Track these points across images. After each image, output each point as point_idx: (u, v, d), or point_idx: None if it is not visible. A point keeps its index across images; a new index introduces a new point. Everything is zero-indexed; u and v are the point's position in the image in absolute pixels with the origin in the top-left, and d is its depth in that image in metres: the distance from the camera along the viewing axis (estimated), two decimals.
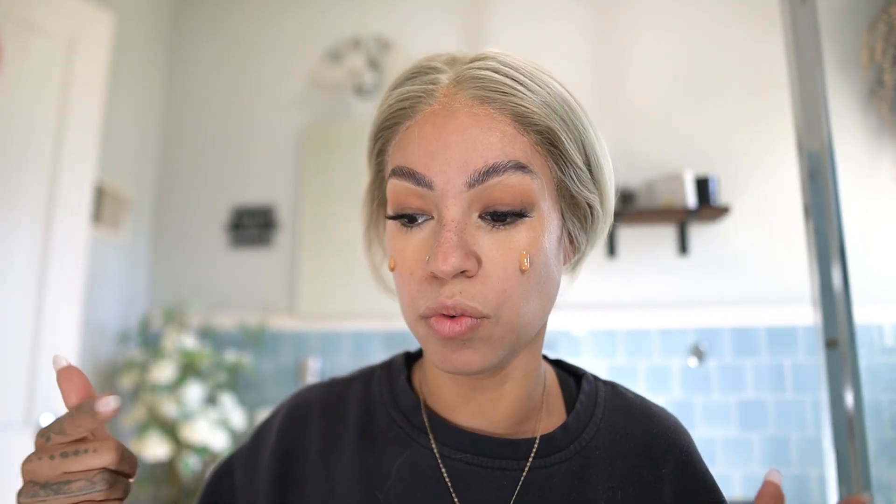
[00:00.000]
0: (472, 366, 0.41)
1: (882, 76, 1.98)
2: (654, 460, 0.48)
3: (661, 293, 2.09)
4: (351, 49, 2.29)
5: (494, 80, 0.41)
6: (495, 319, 0.40)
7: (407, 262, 0.42)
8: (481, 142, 0.40)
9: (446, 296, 0.40)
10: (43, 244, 1.44)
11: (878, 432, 1.88)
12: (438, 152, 0.40)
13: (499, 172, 0.39)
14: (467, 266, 0.39)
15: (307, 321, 2.18)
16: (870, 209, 2.00)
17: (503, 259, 0.40)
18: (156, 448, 1.74)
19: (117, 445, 0.38)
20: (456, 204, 0.40)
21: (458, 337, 0.40)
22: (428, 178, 0.40)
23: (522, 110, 0.41)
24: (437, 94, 0.42)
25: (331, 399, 0.53)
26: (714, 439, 1.96)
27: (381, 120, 0.45)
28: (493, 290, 0.40)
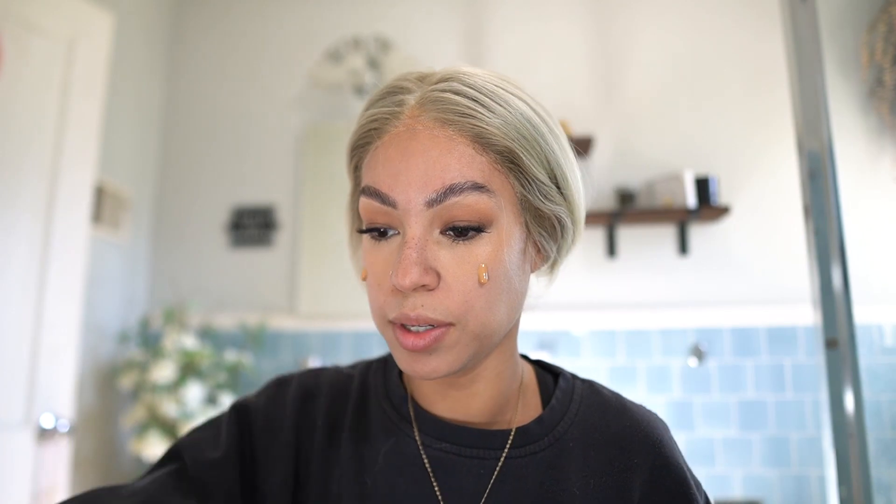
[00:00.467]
0: (437, 373, 0.43)
1: (882, 76, 1.98)
2: (625, 450, 0.49)
3: (661, 293, 2.09)
4: (351, 49, 2.29)
5: (454, 102, 0.43)
6: (461, 326, 0.43)
7: (375, 274, 0.45)
8: (440, 163, 0.42)
9: (409, 308, 0.42)
10: (43, 244, 1.44)
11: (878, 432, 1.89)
12: (400, 173, 0.43)
13: (456, 193, 0.42)
14: (426, 281, 0.42)
15: (307, 321, 2.18)
16: (870, 209, 2.00)
17: (462, 272, 0.43)
18: (156, 448, 1.74)
19: None
20: (417, 222, 0.42)
21: (421, 350, 0.43)
22: (392, 198, 0.43)
23: (481, 131, 0.43)
24: (403, 116, 0.45)
25: (337, 385, 0.56)
26: (714, 439, 1.96)
27: (354, 139, 0.48)
28: (454, 301, 0.42)
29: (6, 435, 1.33)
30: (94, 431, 1.92)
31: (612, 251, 2.12)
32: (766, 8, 2.13)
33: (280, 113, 2.35)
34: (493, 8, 2.33)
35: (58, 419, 1.40)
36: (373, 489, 0.48)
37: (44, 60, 1.46)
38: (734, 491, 1.92)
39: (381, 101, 0.47)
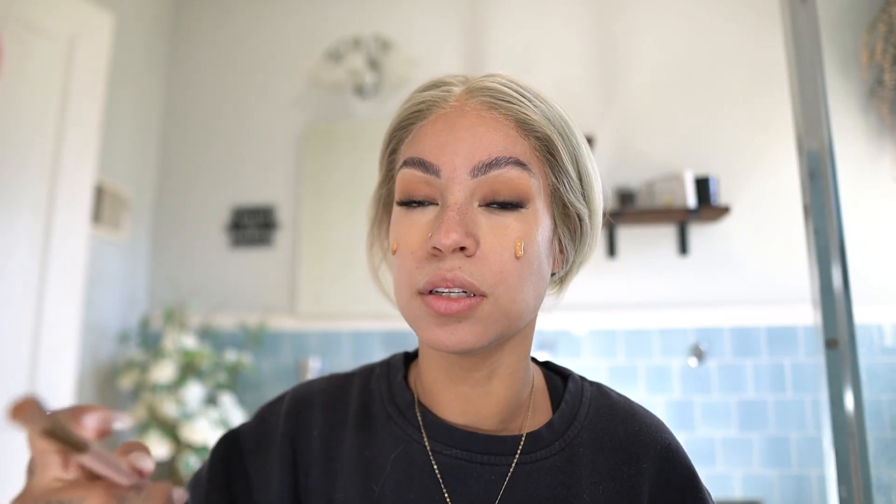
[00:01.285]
0: (464, 344, 0.43)
1: (882, 76, 1.98)
2: (634, 456, 0.50)
3: (661, 293, 2.09)
4: (351, 49, 2.29)
5: (502, 91, 0.46)
6: (493, 299, 0.43)
7: (409, 242, 0.45)
8: (486, 138, 0.45)
9: (446, 269, 0.42)
10: (43, 244, 1.44)
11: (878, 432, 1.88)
12: (447, 144, 0.45)
13: (500, 166, 0.44)
14: (467, 243, 0.42)
15: (307, 321, 2.18)
16: (870, 209, 2.00)
17: (499, 243, 0.44)
18: (156, 448, 1.74)
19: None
20: (460, 190, 0.44)
21: (454, 315, 0.42)
22: (436, 167, 0.45)
23: (524, 117, 0.46)
24: (450, 100, 0.47)
25: (332, 392, 0.55)
26: (714, 439, 1.96)
27: (397, 122, 0.50)
28: (490, 270, 0.43)
29: (6, 435, 1.33)
30: None
31: (612, 251, 2.12)
32: (765, 8, 2.13)
33: (280, 113, 2.35)
34: (494, 8, 2.33)
35: None
36: (381, 496, 0.48)
37: (44, 60, 1.46)
38: (734, 491, 1.92)
39: (427, 91, 0.48)
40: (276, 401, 0.56)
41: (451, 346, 0.43)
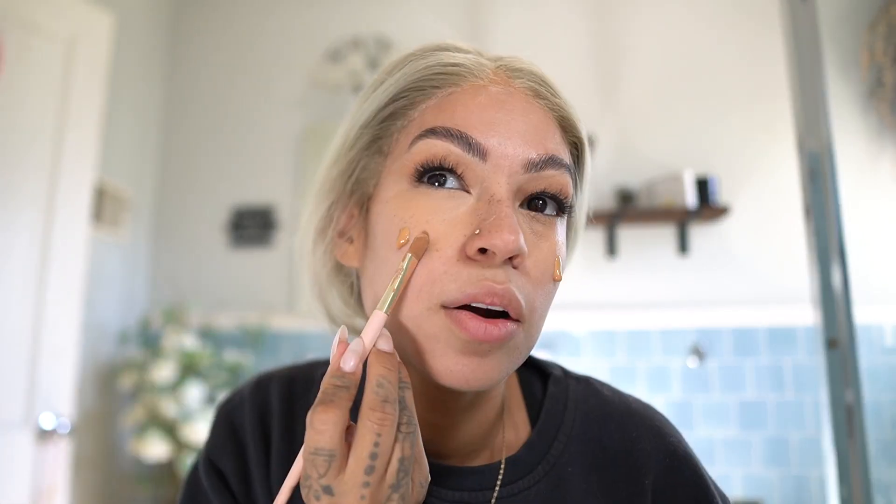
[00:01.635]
0: (488, 381, 0.35)
1: (882, 76, 1.98)
2: (635, 469, 0.43)
3: (661, 293, 2.09)
4: (351, 49, 2.29)
5: (543, 78, 0.40)
6: (527, 327, 0.36)
7: (432, 235, 0.35)
8: (542, 129, 0.37)
9: (498, 280, 0.33)
10: (43, 244, 1.44)
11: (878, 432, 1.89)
12: (497, 124, 0.36)
13: (556, 165, 0.37)
14: (524, 250, 0.34)
15: (307, 321, 2.17)
16: (870, 209, 2.00)
17: (543, 259, 0.36)
18: (156, 448, 1.74)
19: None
20: (508, 183, 0.36)
21: (491, 341, 0.34)
22: (483, 148, 0.36)
23: (567, 115, 0.40)
24: (487, 72, 0.39)
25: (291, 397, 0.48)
26: (714, 439, 1.96)
27: (411, 80, 0.39)
28: (534, 290, 0.35)
29: (6, 435, 1.33)
30: (94, 431, 1.92)
31: (612, 251, 2.12)
32: (765, 8, 2.13)
33: (280, 113, 2.35)
34: (493, 8, 2.33)
35: (58, 419, 1.40)
36: None
37: (44, 60, 1.46)
38: (734, 491, 1.92)
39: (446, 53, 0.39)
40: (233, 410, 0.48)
41: (472, 382, 0.35)
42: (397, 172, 0.38)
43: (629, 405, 0.47)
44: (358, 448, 0.30)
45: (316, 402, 0.31)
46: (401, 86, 0.39)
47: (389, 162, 0.39)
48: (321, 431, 0.30)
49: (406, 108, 0.39)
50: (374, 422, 0.30)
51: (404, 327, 0.36)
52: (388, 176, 0.39)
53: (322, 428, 0.30)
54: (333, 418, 0.30)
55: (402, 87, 0.39)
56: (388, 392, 0.31)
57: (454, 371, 0.34)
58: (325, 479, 0.30)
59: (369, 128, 0.41)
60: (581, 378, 0.49)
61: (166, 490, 1.93)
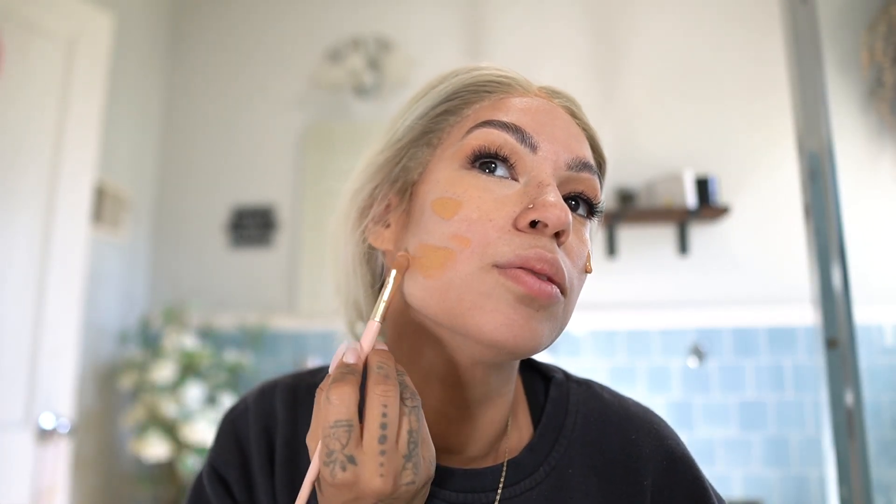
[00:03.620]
0: (538, 341, 0.37)
1: (882, 76, 1.98)
2: (634, 471, 0.44)
3: (661, 293, 2.09)
4: (351, 49, 2.29)
5: (577, 103, 0.46)
6: (567, 301, 0.39)
7: (484, 207, 0.38)
8: (580, 141, 0.43)
9: (548, 249, 0.37)
10: (43, 244, 1.44)
11: (878, 432, 1.89)
12: (546, 125, 0.41)
13: (591, 170, 0.42)
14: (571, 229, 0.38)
15: (307, 321, 2.17)
16: (870, 209, 2.00)
17: (579, 249, 0.40)
18: (156, 448, 1.74)
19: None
20: (554, 175, 0.40)
21: (543, 298, 0.36)
22: (535, 141, 0.40)
23: (593, 135, 0.45)
24: (532, 88, 0.44)
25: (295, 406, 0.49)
26: (714, 439, 1.96)
27: (468, 83, 0.43)
28: (571, 270, 0.39)
29: (6, 435, 1.33)
30: (94, 431, 1.92)
31: (612, 251, 2.12)
32: (765, 8, 2.13)
33: (280, 113, 2.35)
34: (493, 8, 2.33)
35: (58, 419, 1.40)
36: None
37: (44, 60, 1.46)
38: (734, 491, 1.92)
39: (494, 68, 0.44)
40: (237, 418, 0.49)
41: (519, 339, 0.36)
42: (449, 158, 0.41)
43: (628, 408, 0.48)
44: (369, 420, 0.33)
45: (328, 381, 0.34)
46: (457, 87, 0.43)
47: (439, 152, 0.43)
48: (338, 403, 0.33)
49: (460, 106, 0.43)
50: (378, 394, 0.33)
51: (453, 286, 0.37)
52: (438, 163, 0.42)
53: (338, 400, 0.33)
54: (348, 390, 0.33)
55: (457, 88, 0.43)
56: (388, 371, 0.35)
57: (505, 325, 0.36)
58: (347, 449, 0.32)
59: (422, 121, 0.43)
60: (582, 381, 0.50)
61: (166, 490, 1.93)
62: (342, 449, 0.32)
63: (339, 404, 0.32)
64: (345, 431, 0.32)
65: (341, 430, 0.32)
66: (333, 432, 0.32)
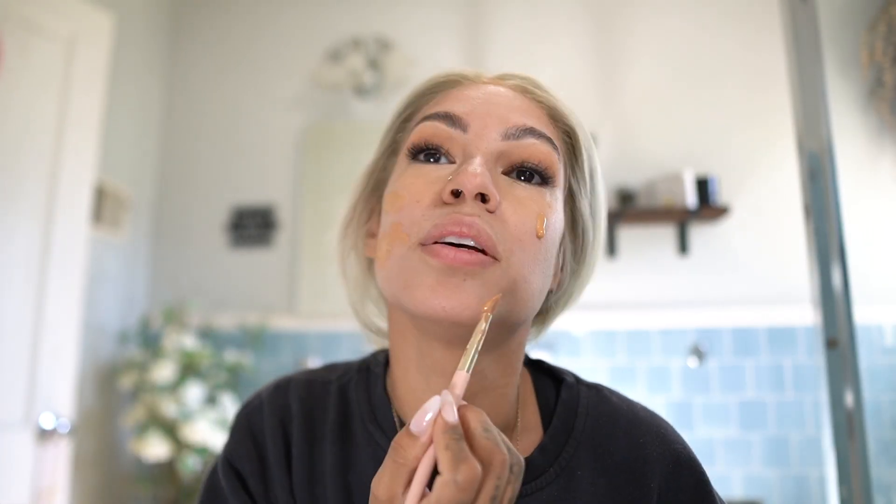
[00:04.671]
0: (462, 311, 0.37)
1: (882, 76, 1.98)
2: (641, 473, 0.45)
3: (661, 293, 2.09)
4: (351, 49, 2.29)
5: (535, 81, 0.46)
6: (505, 266, 0.38)
7: (414, 191, 0.40)
8: (521, 110, 0.42)
9: (465, 212, 0.38)
10: (43, 244, 1.44)
11: (878, 432, 1.89)
12: (479, 105, 0.42)
13: (534, 136, 0.41)
14: (492, 192, 0.38)
15: (307, 321, 2.17)
16: (870, 209, 2.00)
17: (522, 213, 0.40)
18: (156, 448, 1.74)
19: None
20: (487, 149, 0.40)
21: (460, 266, 0.37)
22: (464, 121, 0.41)
23: (555, 105, 0.45)
24: (483, 77, 0.46)
25: (309, 400, 0.49)
26: (714, 439, 1.96)
27: (420, 90, 0.46)
28: (511, 233, 0.39)
29: (6, 435, 1.33)
30: (94, 431, 1.92)
31: (612, 251, 2.12)
32: (765, 8, 2.13)
33: (280, 113, 2.35)
34: (493, 9, 2.33)
35: (58, 419, 1.40)
36: None
37: (44, 60, 1.46)
38: (734, 491, 1.92)
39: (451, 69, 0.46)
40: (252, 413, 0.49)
41: (449, 311, 0.37)
42: (400, 159, 0.44)
43: (636, 413, 0.49)
44: (483, 493, 0.31)
45: (454, 460, 0.31)
46: (411, 95, 0.46)
47: (399, 157, 0.46)
48: (465, 489, 0.30)
49: (415, 111, 0.46)
50: (497, 466, 0.32)
51: (394, 270, 0.40)
52: (396, 167, 0.45)
53: (466, 486, 0.30)
54: (474, 475, 0.31)
55: (412, 96, 0.46)
56: (496, 436, 0.33)
57: (429, 299, 0.37)
58: None
59: (389, 133, 0.48)
60: (592, 385, 0.51)
61: (166, 490, 1.93)
62: None
63: (468, 489, 0.30)
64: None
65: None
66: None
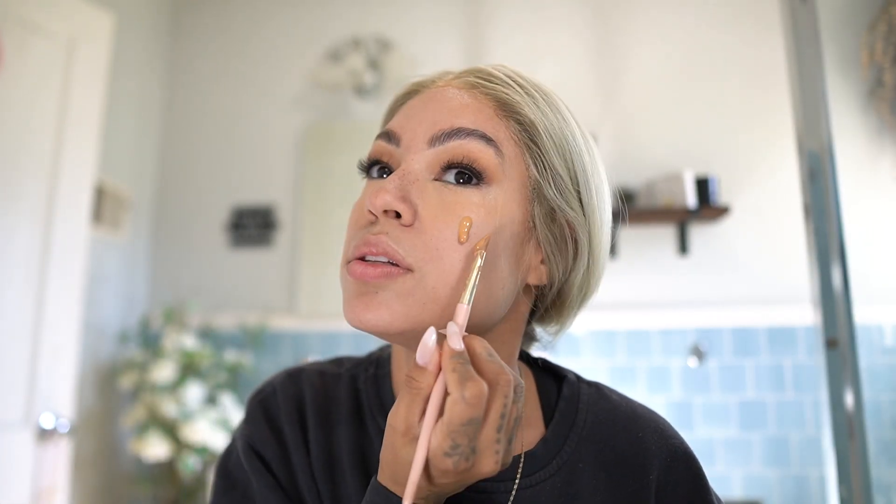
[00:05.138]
0: (377, 322, 0.38)
1: (882, 76, 1.98)
2: (639, 467, 0.46)
3: (661, 293, 2.09)
4: (351, 49, 2.29)
5: (489, 73, 0.44)
6: (419, 276, 0.38)
7: (355, 211, 0.43)
8: (454, 110, 0.42)
9: (372, 232, 0.40)
10: (43, 244, 1.44)
11: (878, 432, 1.89)
12: (413, 115, 0.43)
13: (461, 135, 0.41)
14: (399, 207, 0.39)
15: (307, 321, 2.17)
16: (870, 209, 2.00)
17: (442, 218, 0.39)
18: (156, 448, 1.74)
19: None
20: (415, 160, 0.41)
21: (369, 280, 0.39)
22: (398, 136, 0.43)
23: (505, 97, 0.43)
24: (438, 83, 0.46)
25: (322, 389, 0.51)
26: (714, 439, 1.96)
27: (391, 104, 0.49)
28: (425, 244, 0.39)
29: (6, 435, 1.33)
30: (94, 431, 1.92)
31: (613, 251, 2.12)
32: (765, 8, 2.13)
33: (280, 113, 2.35)
34: (494, 8, 2.33)
35: (58, 419, 1.40)
36: None
37: (44, 60, 1.46)
38: (734, 491, 1.92)
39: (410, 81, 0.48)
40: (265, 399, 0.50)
41: (364, 322, 0.38)
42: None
43: (635, 410, 0.51)
44: (493, 411, 0.34)
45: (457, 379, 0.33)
46: (385, 112, 0.49)
47: None
48: (474, 404, 0.33)
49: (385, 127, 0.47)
50: (503, 385, 0.34)
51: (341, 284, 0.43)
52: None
53: (474, 401, 0.33)
54: (480, 391, 0.33)
55: (386, 113, 0.49)
56: (499, 359, 0.35)
57: (350, 314, 0.40)
58: (472, 442, 0.33)
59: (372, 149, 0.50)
60: (592, 383, 0.53)
61: (166, 490, 1.93)
62: (469, 443, 0.33)
63: (475, 404, 0.33)
64: (474, 428, 0.33)
65: (472, 428, 0.33)
66: (465, 430, 0.33)
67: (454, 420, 0.33)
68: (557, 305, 0.48)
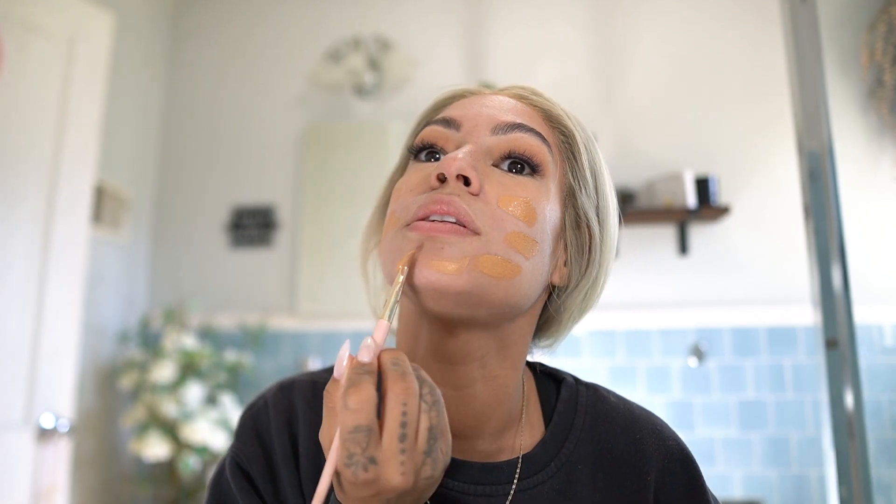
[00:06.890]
0: (440, 273, 0.39)
1: (882, 76, 1.98)
2: (637, 468, 0.47)
3: (661, 293, 2.09)
4: (351, 49, 2.29)
5: (533, 90, 0.49)
6: (485, 240, 0.40)
7: (410, 182, 0.44)
8: (512, 110, 0.46)
9: (444, 192, 0.41)
10: (43, 244, 1.44)
11: (878, 432, 1.89)
12: (473, 109, 0.46)
13: (522, 130, 0.44)
14: (471, 174, 0.41)
15: (307, 321, 2.17)
16: (870, 209, 2.00)
17: (503, 196, 0.42)
18: (156, 448, 1.74)
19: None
20: (477, 143, 0.44)
21: (438, 234, 0.39)
22: (458, 122, 0.45)
23: (550, 108, 0.47)
24: (485, 92, 0.50)
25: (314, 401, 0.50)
26: (714, 439, 1.96)
27: (431, 106, 0.51)
28: (492, 213, 0.41)
29: (6, 435, 1.33)
30: (94, 431, 1.92)
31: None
32: (765, 8, 2.13)
33: (280, 113, 2.35)
34: (494, 8, 2.33)
35: (58, 419, 1.40)
36: None
37: (44, 60, 1.46)
38: (734, 491, 1.92)
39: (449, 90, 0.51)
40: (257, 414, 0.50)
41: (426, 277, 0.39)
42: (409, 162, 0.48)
43: (633, 411, 0.51)
44: (389, 420, 0.33)
45: (345, 387, 0.34)
46: (426, 109, 0.51)
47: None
48: (357, 409, 0.33)
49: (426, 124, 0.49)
50: (398, 392, 0.33)
51: (384, 251, 0.44)
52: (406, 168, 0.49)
53: (357, 407, 0.33)
54: (365, 396, 0.33)
55: (426, 110, 0.51)
56: (405, 367, 0.35)
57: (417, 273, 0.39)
58: (367, 451, 0.33)
59: (406, 143, 0.51)
60: (590, 385, 0.54)
61: (166, 490, 1.93)
62: (363, 452, 0.32)
63: (359, 410, 0.33)
64: (364, 436, 0.33)
65: (361, 436, 0.32)
66: (353, 437, 0.32)
67: (342, 428, 0.33)
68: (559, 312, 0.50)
